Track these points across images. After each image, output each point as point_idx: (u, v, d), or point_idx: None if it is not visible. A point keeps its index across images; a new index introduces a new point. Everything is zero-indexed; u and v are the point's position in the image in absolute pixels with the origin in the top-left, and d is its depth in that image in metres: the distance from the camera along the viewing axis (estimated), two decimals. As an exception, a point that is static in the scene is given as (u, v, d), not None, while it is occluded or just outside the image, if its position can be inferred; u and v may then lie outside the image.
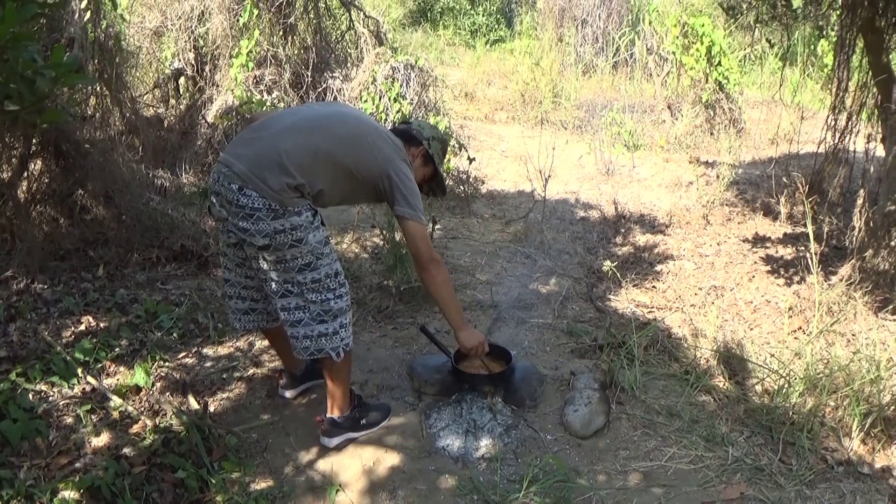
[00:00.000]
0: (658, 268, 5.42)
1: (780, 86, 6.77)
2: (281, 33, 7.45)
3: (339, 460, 3.30)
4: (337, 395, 3.34)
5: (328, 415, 3.37)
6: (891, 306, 4.38)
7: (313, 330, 3.13)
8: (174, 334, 4.28)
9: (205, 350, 4.19)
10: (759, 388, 3.84)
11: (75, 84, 4.45)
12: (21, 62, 2.15)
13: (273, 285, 3.11)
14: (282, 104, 6.87)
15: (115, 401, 3.57)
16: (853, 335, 4.24)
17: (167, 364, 3.99)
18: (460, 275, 5.20)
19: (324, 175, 3.05)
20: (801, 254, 5.31)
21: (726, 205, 6.62)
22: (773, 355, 4.09)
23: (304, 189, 2.99)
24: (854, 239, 4.70)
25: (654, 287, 5.13)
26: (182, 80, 7.34)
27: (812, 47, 10.37)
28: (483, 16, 15.50)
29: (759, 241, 5.84)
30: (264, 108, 6.50)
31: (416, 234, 3.18)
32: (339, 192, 3.18)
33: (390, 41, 8.54)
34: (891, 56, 4.81)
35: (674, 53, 9.63)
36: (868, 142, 5.12)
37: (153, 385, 3.75)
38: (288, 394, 3.75)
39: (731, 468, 3.25)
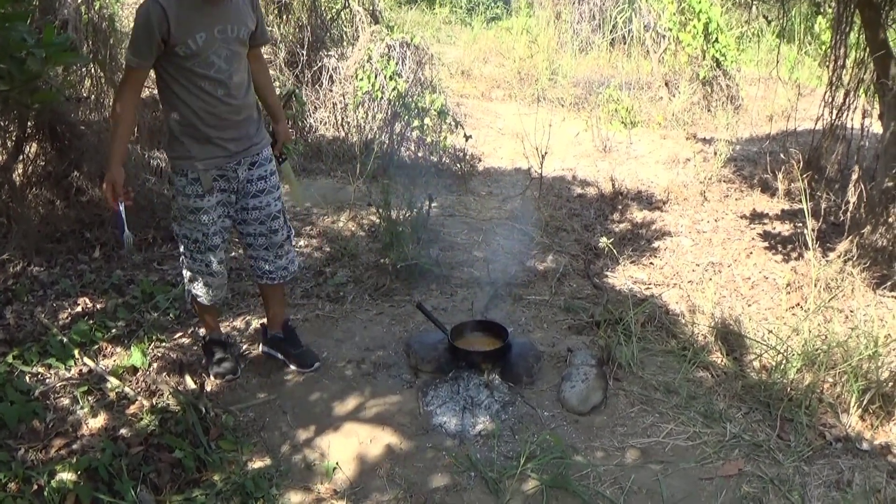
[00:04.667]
0: (655, 244, 5.41)
1: (778, 63, 6.72)
2: (276, 12, 7.41)
3: (336, 438, 3.30)
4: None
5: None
6: (889, 282, 4.37)
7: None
8: (170, 315, 4.28)
9: (201, 330, 4.18)
10: (756, 364, 3.84)
11: (67, 63, 4.45)
12: (11, 42, 2.14)
13: None
14: (276, 83, 6.82)
15: (112, 382, 3.57)
16: (851, 311, 4.24)
17: (164, 344, 3.99)
18: (457, 252, 5.19)
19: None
20: (798, 230, 5.31)
21: (724, 181, 6.60)
22: (770, 331, 4.09)
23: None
24: (848, 214, 4.69)
25: (651, 263, 5.13)
26: (176, 60, 7.28)
27: (809, 24, 10.29)
28: (479, -7, 15.40)
29: (756, 217, 5.83)
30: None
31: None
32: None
33: (386, 19, 8.51)
34: (888, 32, 4.78)
35: (671, 30, 9.58)
36: (863, 118, 5.10)
37: (150, 365, 3.75)
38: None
39: (729, 444, 3.25)
